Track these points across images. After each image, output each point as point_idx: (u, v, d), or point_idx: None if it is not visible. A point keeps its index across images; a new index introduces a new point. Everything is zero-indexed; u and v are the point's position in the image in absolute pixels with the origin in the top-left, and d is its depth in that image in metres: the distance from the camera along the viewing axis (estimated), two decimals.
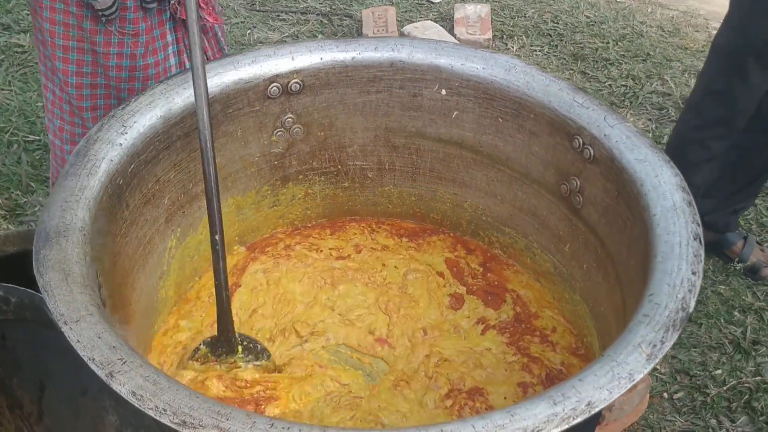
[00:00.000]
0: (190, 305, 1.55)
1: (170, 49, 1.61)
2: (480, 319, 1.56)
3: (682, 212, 1.19)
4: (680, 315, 1.03)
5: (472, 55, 1.52)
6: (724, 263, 2.26)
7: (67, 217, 1.16)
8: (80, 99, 1.58)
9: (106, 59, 1.53)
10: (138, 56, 1.54)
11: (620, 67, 3.07)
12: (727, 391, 1.93)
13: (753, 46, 2.05)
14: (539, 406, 0.91)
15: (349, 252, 1.67)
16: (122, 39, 1.51)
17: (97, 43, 1.51)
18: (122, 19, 1.49)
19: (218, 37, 1.71)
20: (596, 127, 1.37)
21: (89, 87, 1.57)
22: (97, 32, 1.50)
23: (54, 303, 1.01)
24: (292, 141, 1.61)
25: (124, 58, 1.54)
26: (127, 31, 1.51)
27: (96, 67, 1.54)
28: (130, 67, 1.55)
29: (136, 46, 1.53)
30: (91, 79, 1.56)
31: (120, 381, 0.92)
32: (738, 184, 2.24)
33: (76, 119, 1.62)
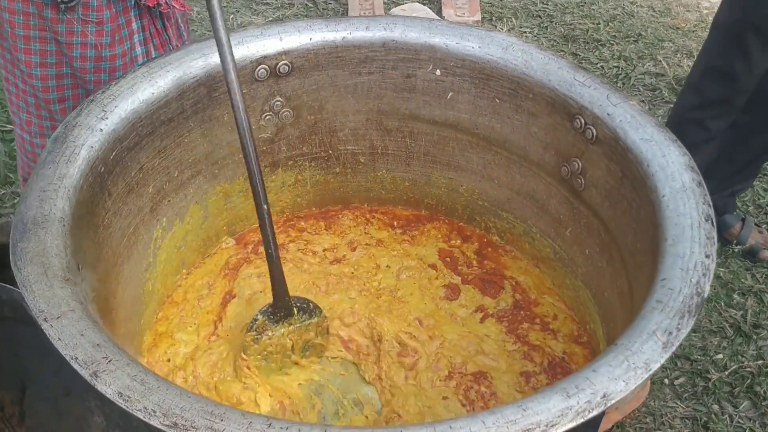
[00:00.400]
0: (179, 309, 1.48)
1: (136, 37, 1.52)
2: (478, 308, 1.52)
3: (692, 193, 1.14)
4: (695, 300, 0.98)
5: (468, 33, 1.46)
6: (722, 245, 2.22)
7: (46, 208, 1.10)
8: (46, 91, 1.49)
9: (69, 49, 1.44)
10: (103, 46, 1.45)
11: (612, 48, 3.02)
12: (728, 375, 1.89)
13: (752, 22, 2.01)
14: (552, 399, 0.86)
15: (343, 252, 1.60)
16: (85, 28, 1.42)
17: (59, 33, 1.42)
18: (85, 6, 1.41)
19: (179, 24, 1.62)
20: (599, 106, 1.32)
21: (55, 78, 1.48)
22: (58, 21, 1.41)
23: (33, 299, 0.95)
24: (281, 125, 1.54)
25: (88, 48, 1.45)
26: (90, 19, 1.42)
27: (61, 57, 1.45)
28: (95, 58, 1.46)
29: (101, 35, 1.44)
30: (56, 69, 1.47)
31: (105, 381, 0.86)
32: (736, 166, 2.20)
33: (43, 112, 1.53)
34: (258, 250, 1.59)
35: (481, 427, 0.82)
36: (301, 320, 1.40)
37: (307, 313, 1.40)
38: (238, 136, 1.24)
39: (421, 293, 1.54)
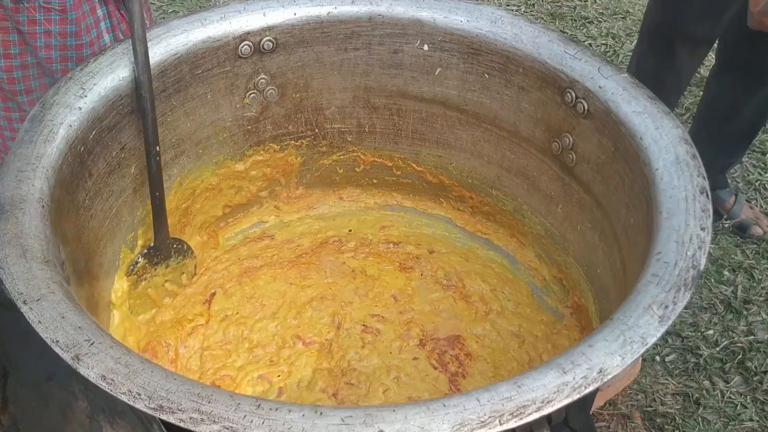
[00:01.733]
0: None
1: (103, 24, 1.46)
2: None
3: (686, 165, 1.12)
4: (691, 273, 0.97)
5: (456, 7, 1.43)
6: (714, 220, 2.21)
7: (24, 188, 1.06)
8: (12, 83, 1.43)
9: (32, 39, 1.38)
10: (69, 35, 1.40)
11: (599, 26, 3.00)
12: (719, 351, 1.89)
13: (680, 27, 2.00)
14: (548, 375, 0.84)
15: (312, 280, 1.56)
16: (48, 16, 1.36)
17: (20, 22, 1.36)
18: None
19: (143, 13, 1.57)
20: (590, 80, 1.29)
21: (20, 69, 1.42)
22: (19, 10, 1.34)
23: (11, 281, 0.92)
24: (266, 104, 1.51)
25: (52, 36, 1.39)
26: (52, 6, 1.35)
27: (24, 47, 1.39)
28: (61, 47, 1.40)
29: (65, 23, 1.38)
30: (20, 60, 1.41)
31: (88, 364, 0.84)
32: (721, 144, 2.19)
33: (9, 104, 1.46)
34: (226, 286, 1.55)
35: (476, 405, 0.80)
36: (176, 261, 1.47)
37: (182, 255, 1.48)
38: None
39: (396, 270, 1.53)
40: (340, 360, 1.40)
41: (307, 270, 1.56)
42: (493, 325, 1.46)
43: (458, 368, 1.39)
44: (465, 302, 1.50)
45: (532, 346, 1.42)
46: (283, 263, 1.57)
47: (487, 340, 1.43)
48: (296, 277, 1.54)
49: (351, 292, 1.52)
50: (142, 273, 1.41)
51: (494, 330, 1.45)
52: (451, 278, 1.53)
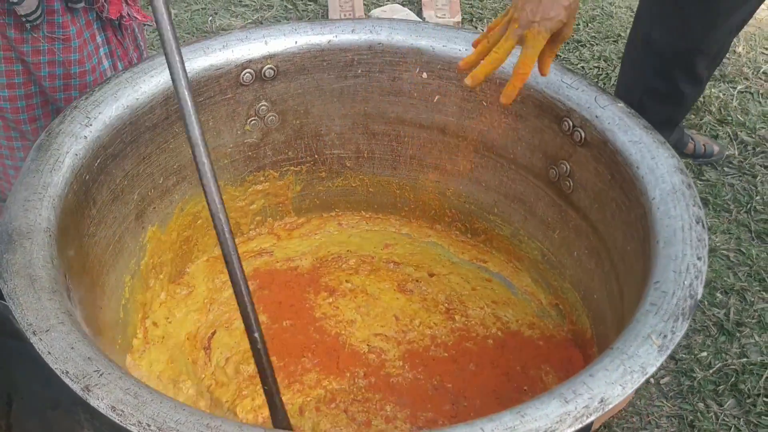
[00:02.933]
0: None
1: (102, 51, 1.47)
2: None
3: (682, 195, 1.14)
4: (689, 303, 0.99)
5: (455, 36, 1.46)
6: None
7: (31, 217, 1.07)
8: (16, 112, 1.44)
9: (36, 69, 1.39)
10: (72, 63, 1.41)
11: (592, 49, 3.03)
12: (713, 374, 1.91)
13: (698, 47, 2.09)
14: (550, 405, 0.86)
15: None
16: (52, 46, 1.37)
17: (25, 53, 1.37)
18: (50, 24, 1.35)
19: (136, 34, 1.58)
20: (586, 109, 1.32)
21: (24, 98, 1.43)
22: (23, 41, 1.35)
23: (21, 312, 0.93)
24: (266, 130, 1.53)
25: (56, 66, 1.40)
26: (56, 36, 1.37)
27: (28, 76, 1.40)
28: (64, 75, 1.42)
29: (69, 51, 1.39)
30: (24, 89, 1.42)
31: (98, 395, 0.85)
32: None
33: (12, 133, 1.47)
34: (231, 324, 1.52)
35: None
36: None
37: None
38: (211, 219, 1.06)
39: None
40: (349, 378, 1.40)
41: (307, 289, 1.57)
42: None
43: (461, 385, 1.39)
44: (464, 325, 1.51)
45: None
46: (284, 283, 1.58)
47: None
48: (297, 297, 1.55)
49: (353, 311, 1.52)
50: None
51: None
52: (452, 301, 1.54)
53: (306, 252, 1.64)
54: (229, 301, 1.51)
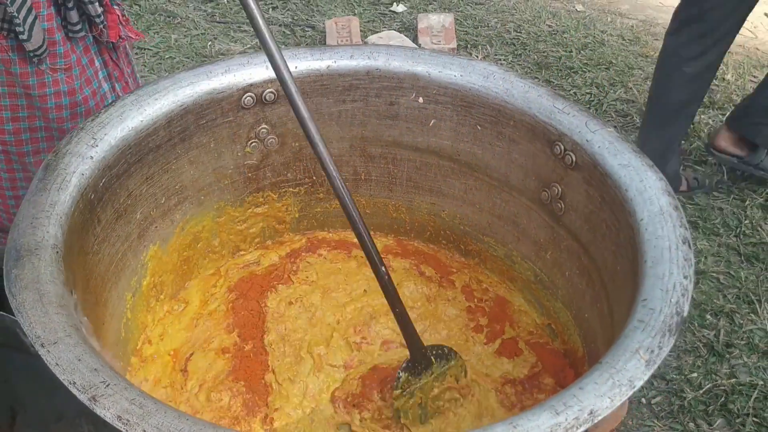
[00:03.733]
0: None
1: (101, 74, 1.52)
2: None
3: (669, 216, 1.18)
4: (675, 319, 1.02)
5: (450, 62, 1.50)
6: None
7: (39, 234, 1.11)
8: (20, 144, 1.47)
9: (43, 101, 1.43)
10: (77, 90, 1.45)
11: (584, 76, 3.10)
12: (703, 394, 1.94)
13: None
14: (541, 416, 0.89)
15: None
16: (56, 77, 1.42)
17: (31, 86, 1.41)
18: (52, 55, 1.40)
19: (127, 51, 1.63)
20: (577, 133, 1.36)
21: (28, 131, 1.47)
22: (28, 75, 1.40)
23: (29, 325, 0.96)
24: (266, 152, 1.57)
25: (62, 96, 1.45)
26: (59, 66, 1.41)
27: (32, 110, 1.45)
28: (71, 105, 1.46)
29: (72, 80, 1.44)
30: (29, 122, 1.46)
31: (104, 405, 0.87)
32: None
33: (14, 165, 1.51)
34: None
35: None
36: (440, 366, 1.39)
37: (445, 359, 1.39)
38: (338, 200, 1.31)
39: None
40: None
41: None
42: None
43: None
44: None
45: None
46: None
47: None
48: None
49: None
50: (406, 387, 1.36)
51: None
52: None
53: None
54: (213, 314, 1.53)
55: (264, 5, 3.48)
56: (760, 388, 1.94)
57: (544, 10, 3.55)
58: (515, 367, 1.48)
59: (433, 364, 1.37)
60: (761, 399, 1.93)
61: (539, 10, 3.55)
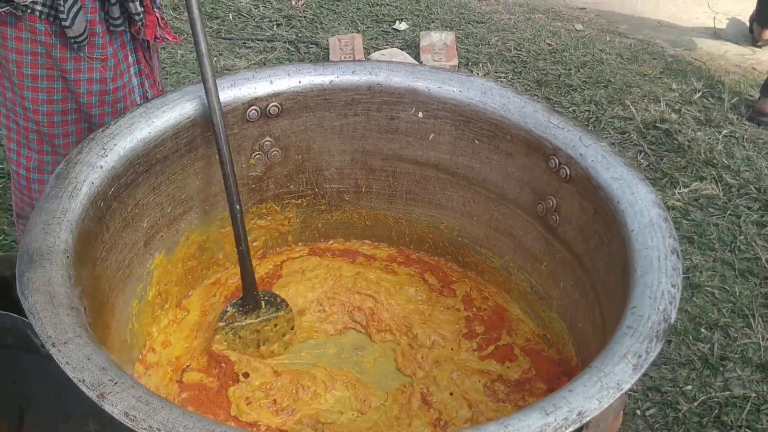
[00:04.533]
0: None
1: (132, 69, 1.61)
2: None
3: (659, 228, 1.22)
4: (663, 326, 1.06)
5: (449, 78, 1.55)
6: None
7: (50, 240, 1.15)
8: (51, 126, 1.56)
9: (76, 86, 1.52)
10: (108, 80, 1.54)
11: (583, 93, 3.14)
12: (697, 406, 1.97)
13: None
14: (531, 416, 0.93)
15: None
16: (91, 65, 1.51)
17: (68, 71, 1.50)
18: (91, 45, 1.49)
19: (157, 60, 1.72)
20: (572, 147, 1.40)
21: (60, 114, 1.55)
22: (67, 59, 1.49)
23: (41, 325, 1.00)
24: (269, 164, 1.61)
25: (94, 83, 1.53)
26: (96, 56, 1.50)
27: (66, 93, 1.53)
28: (100, 92, 1.54)
29: (105, 70, 1.52)
30: (62, 105, 1.54)
31: (112, 402, 0.91)
32: None
33: (45, 147, 1.59)
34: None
35: None
36: (268, 312, 1.52)
37: (275, 306, 1.54)
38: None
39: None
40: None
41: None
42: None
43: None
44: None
45: None
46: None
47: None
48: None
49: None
50: (231, 321, 1.48)
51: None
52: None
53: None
54: (212, 325, 1.56)
55: (269, 22, 3.54)
56: (753, 401, 1.96)
57: (545, 29, 3.60)
58: (508, 369, 1.51)
59: (262, 309, 1.51)
60: (754, 411, 1.95)
61: (539, 29, 3.60)
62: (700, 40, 3.72)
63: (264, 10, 3.62)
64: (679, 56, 3.54)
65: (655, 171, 2.75)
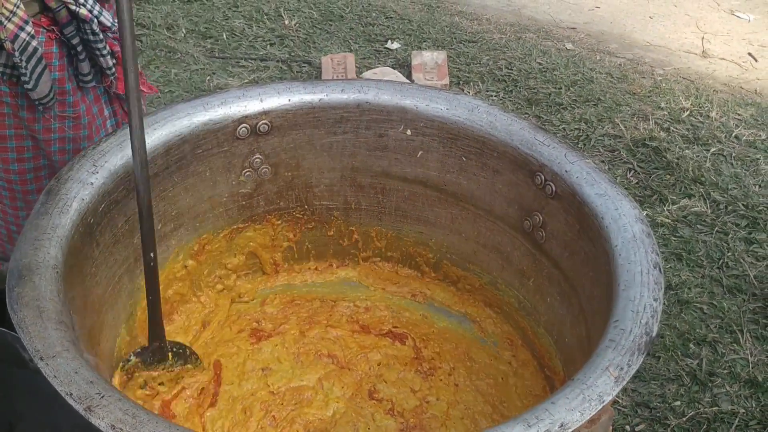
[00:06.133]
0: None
1: (109, 123, 1.59)
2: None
3: (641, 243, 1.24)
4: (644, 339, 1.07)
5: (436, 96, 1.57)
6: None
7: (40, 255, 1.16)
8: (24, 183, 1.53)
9: (47, 145, 1.49)
10: (82, 138, 1.51)
11: (573, 111, 3.18)
12: (686, 422, 1.98)
13: None
14: (514, 429, 0.94)
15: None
16: (62, 124, 1.47)
17: (37, 131, 1.47)
18: (61, 104, 1.46)
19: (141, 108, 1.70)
20: (557, 164, 1.42)
21: (33, 171, 1.52)
22: (34, 120, 1.45)
23: (29, 339, 1.01)
24: (259, 181, 1.63)
25: (66, 142, 1.50)
26: (67, 114, 1.47)
27: (37, 151, 1.50)
28: (74, 150, 1.51)
29: (79, 128, 1.49)
30: (33, 162, 1.51)
31: (99, 415, 0.92)
32: None
33: (18, 203, 1.57)
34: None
35: None
36: (175, 365, 1.40)
37: (183, 359, 1.42)
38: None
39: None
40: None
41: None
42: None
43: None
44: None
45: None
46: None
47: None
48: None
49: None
50: (132, 371, 1.36)
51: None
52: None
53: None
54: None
55: (262, 42, 3.57)
56: (741, 417, 1.98)
57: (535, 49, 3.64)
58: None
59: (168, 360, 1.38)
60: (742, 427, 1.97)
61: (530, 48, 3.65)
62: (688, 59, 3.77)
63: (257, 30, 3.66)
64: (668, 75, 3.59)
65: (645, 188, 2.78)
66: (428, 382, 1.57)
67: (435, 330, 1.68)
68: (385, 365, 1.60)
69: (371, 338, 1.65)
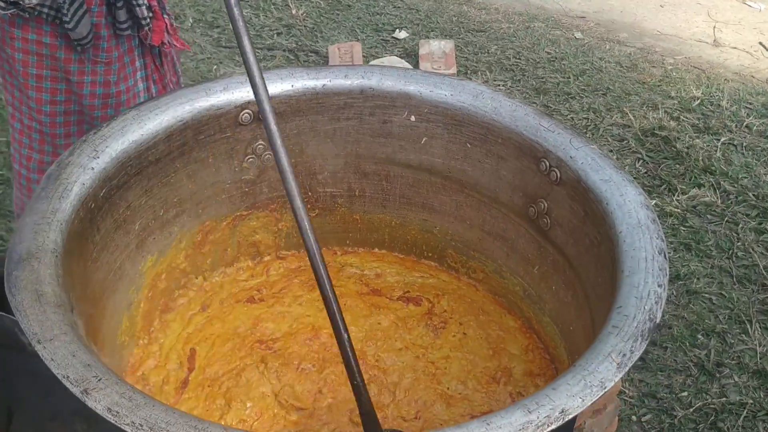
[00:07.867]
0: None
1: (139, 74, 1.64)
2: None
3: (647, 229, 1.22)
4: (648, 325, 1.06)
5: (441, 82, 1.55)
6: None
7: (39, 239, 1.15)
8: (53, 126, 1.59)
9: (79, 87, 1.55)
10: (111, 83, 1.57)
11: (581, 101, 3.15)
12: (693, 413, 1.96)
13: None
14: (514, 414, 0.92)
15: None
16: (95, 67, 1.54)
17: (71, 72, 1.53)
18: (96, 48, 1.52)
19: (174, 61, 1.73)
20: (562, 150, 1.41)
21: (63, 114, 1.58)
22: (71, 61, 1.52)
23: (27, 322, 1.00)
24: (262, 168, 1.62)
25: (97, 86, 1.56)
26: (100, 59, 1.53)
27: (69, 95, 1.56)
28: (104, 95, 1.57)
29: (109, 73, 1.55)
30: (65, 106, 1.58)
31: (95, 398, 0.91)
32: None
33: (46, 147, 1.62)
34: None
35: None
36: None
37: None
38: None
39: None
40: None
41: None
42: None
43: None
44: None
45: None
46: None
47: None
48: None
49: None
50: None
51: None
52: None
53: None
54: (191, 337, 1.55)
55: (269, 31, 3.56)
56: (749, 407, 1.96)
57: (544, 38, 3.62)
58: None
59: None
60: (750, 418, 1.95)
61: (539, 37, 3.62)
62: (699, 48, 3.73)
63: (264, 19, 3.65)
64: (679, 64, 3.55)
65: (654, 178, 2.75)
66: (440, 339, 1.56)
67: (450, 289, 1.67)
68: (394, 325, 1.59)
69: (384, 300, 1.64)
